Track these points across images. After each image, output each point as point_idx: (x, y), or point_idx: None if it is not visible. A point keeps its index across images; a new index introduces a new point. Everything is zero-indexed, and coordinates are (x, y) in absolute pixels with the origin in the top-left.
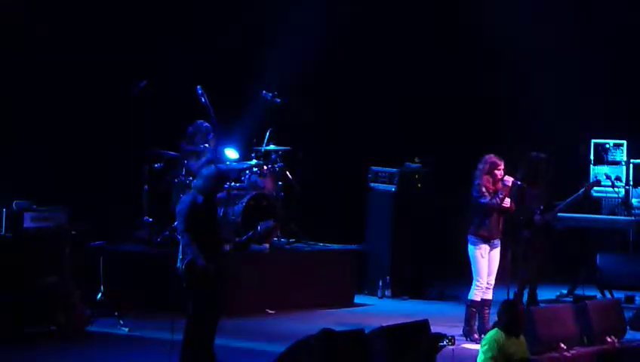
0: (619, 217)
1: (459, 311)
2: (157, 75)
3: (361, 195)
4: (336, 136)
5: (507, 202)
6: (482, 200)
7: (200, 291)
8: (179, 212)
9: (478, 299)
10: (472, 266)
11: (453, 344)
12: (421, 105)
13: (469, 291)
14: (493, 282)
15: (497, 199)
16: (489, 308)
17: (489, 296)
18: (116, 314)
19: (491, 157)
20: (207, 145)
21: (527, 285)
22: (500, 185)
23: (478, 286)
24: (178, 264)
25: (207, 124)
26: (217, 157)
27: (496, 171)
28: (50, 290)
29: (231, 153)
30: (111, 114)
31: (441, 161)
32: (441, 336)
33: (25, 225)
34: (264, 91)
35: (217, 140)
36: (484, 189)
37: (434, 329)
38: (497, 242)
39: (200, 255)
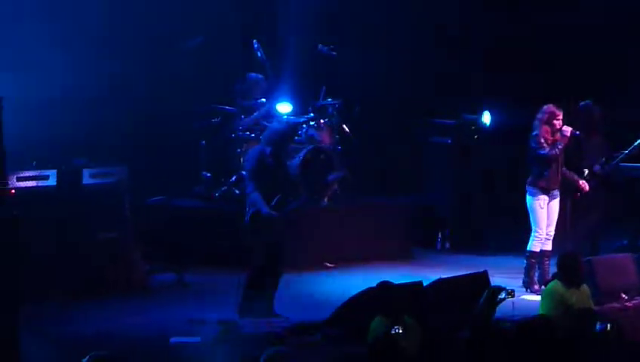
0: None
1: (518, 262)
2: (212, 30)
3: (419, 148)
4: (392, 88)
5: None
6: (541, 151)
7: (263, 241)
8: (246, 162)
9: (537, 250)
10: (531, 217)
11: (512, 296)
12: (479, 56)
13: (528, 242)
14: (552, 233)
15: (556, 150)
16: (549, 259)
17: (548, 246)
18: (175, 269)
19: (550, 107)
20: (263, 99)
21: (589, 236)
22: (558, 135)
23: (537, 237)
24: (246, 219)
25: (261, 77)
26: (272, 111)
27: (554, 121)
28: (110, 246)
29: (284, 107)
30: (168, 69)
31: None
32: (500, 289)
33: (84, 182)
34: (320, 45)
35: (273, 94)
36: (542, 140)
37: (493, 280)
38: (556, 193)
39: (265, 203)
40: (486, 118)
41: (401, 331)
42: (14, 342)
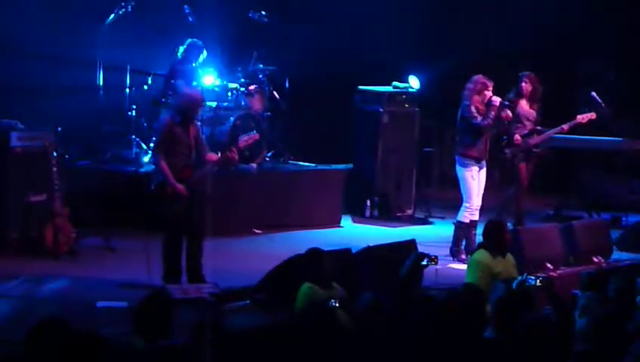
0: (605, 138)
1: (445, 231)
2: None
3: (349, 115)
4: (325, 55)
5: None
6: (475, 121)
7: (170, 213)
8: (154, 131)
9: (467, 221)
10: (462, 188)
11: (436, 263)
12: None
13: (456, 212)
14: (480, 203)
15: (489, 120)
16: (475, 229)
17: (476, 216)
18: (103, 233)
19: (480, 77)
20: (195, 64)
21: (508, 206)
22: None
23: (468, 207)
24: (151, 188)
25: (199, 43)
26: (199, 78)
27: (485, 92)
28: (38, 209)
29: (209, 78)
30: (102, 34)
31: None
32: (423, 255)
33: (11, 144)
34: (251, 11)
35: (204, 60)
36: (474, 110)
37: (421, 249)
38: (484, 163)
39: (170, 175)
40: (413, 82)
41: (337, 304)
42: None
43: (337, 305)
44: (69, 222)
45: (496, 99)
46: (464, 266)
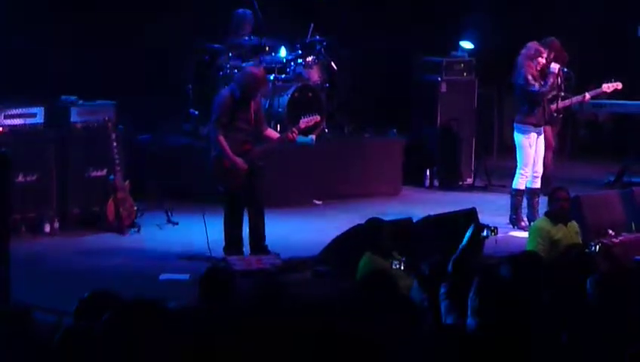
0: None
1: (506, 200)
2: None
3: (408, 85)
4: (383, 24)
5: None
6: (532, 89)
7: (229, 186)
8: (214, 105)
9: (523, 188)
10: (518, 154)
11: (495, 234)
12: None
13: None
14: (540, 170)
15: (547, 87)
16: (538, 197)
17: (537, 184)
18: (164, 207)
19: (534, 44)
20: (251, 37)
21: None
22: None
23: (522, 174)
24: (210, 163)
25: (249, 12)
26: (263, 49)
27: (539, 58)
28: (98, 184)
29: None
30: (156, 5)
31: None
32: (482, 227)
33: (72, 120)
34: None
35: (262, 32)
36: (530, 77)
37: (481, 218)
38: (542, 129)
39: (227, 149)
40: (466, 45)
41: (401, 267)
42: (5, 278)
43: (402, 267)
44: (130, 196)
45: (555, 66)
46: (525, 234)
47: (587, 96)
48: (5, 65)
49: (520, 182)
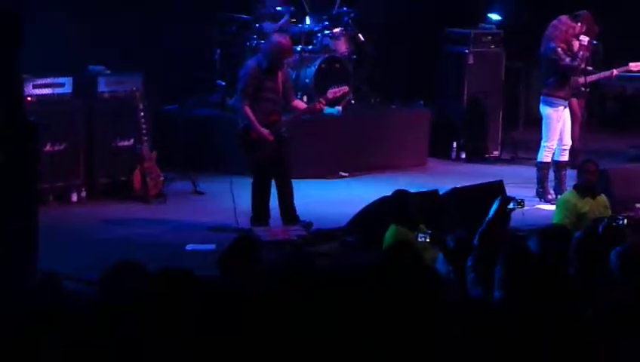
0: None
1: (533, 172)
2: None
3: (434, 57)
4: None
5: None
6: (564, 63)
7: (257, 156)
8: (241, 76)
9: (549, 160)
10: (544, 127)
11: (522, 206)
12: None
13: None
14: (569, 142)
15: (578, 60)
16: (565, 170)
17: (565, 157)
18: (191, 177)
19: (565, 17)
20: (280, 7)
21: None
22: (577, 45)
23: (548, 147)
24: (237, 133)
25: None
26: (290, 20)
27: (570, 31)
28: (126, 154)
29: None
30: None
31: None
32: (509, 199)
33: (99, 90)
34: None
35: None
36: (560, 51)
37: (508, 190)
38: (568, 102)
39: (254, 120)
40: (494, 17)
41: (427, 239)
42: (33, 244)
43: (428, 239)
44: (157, 166)
45: (585, 38)
46: (552, 207)
47: (615, 72)
48: (33, 37)
49: (545, 155)
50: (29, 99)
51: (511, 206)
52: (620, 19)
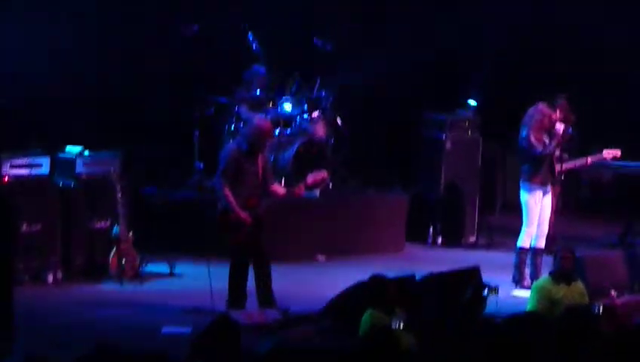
0: None
1: (510, 258)
2: (208, 19)
3: (412, 142)
4: (387, 81)
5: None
6: (535, 151)
7: (235, 239)
8: (221, 159)
9: (527, 246)
10: (524, 213)
11: (496, 293)
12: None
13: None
14: (546, 229)
15: (551, 147)
16: (541, 256)
17: (541, 243)
18: (167, 259)
19: (542, 105)
20: (260, 91)
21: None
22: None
23: (527, 232)
24: (216, 215)
25: (263, 70)
26: (272, 105)
27: (545, 120)
28: (102, 234)
29: (287, 106)
30: (161, 57)
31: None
32: (483, 286)
33: (77, 170)
34: (316, 38)
35: (271, 88)
36: (533, 140)
37: (485, 276)
38: (549, 188)
39: (233, 202)
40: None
41: (401, 326)
42: (9, 325)
43: (401, 326)
44: (133, 248)
45: (560, 126)
46: (528, 293)
47: (589, 160)
48: (12, 116)
49: (525, 240)
50: (5, 178)
51: (485, 293)
52: (596, 105)
